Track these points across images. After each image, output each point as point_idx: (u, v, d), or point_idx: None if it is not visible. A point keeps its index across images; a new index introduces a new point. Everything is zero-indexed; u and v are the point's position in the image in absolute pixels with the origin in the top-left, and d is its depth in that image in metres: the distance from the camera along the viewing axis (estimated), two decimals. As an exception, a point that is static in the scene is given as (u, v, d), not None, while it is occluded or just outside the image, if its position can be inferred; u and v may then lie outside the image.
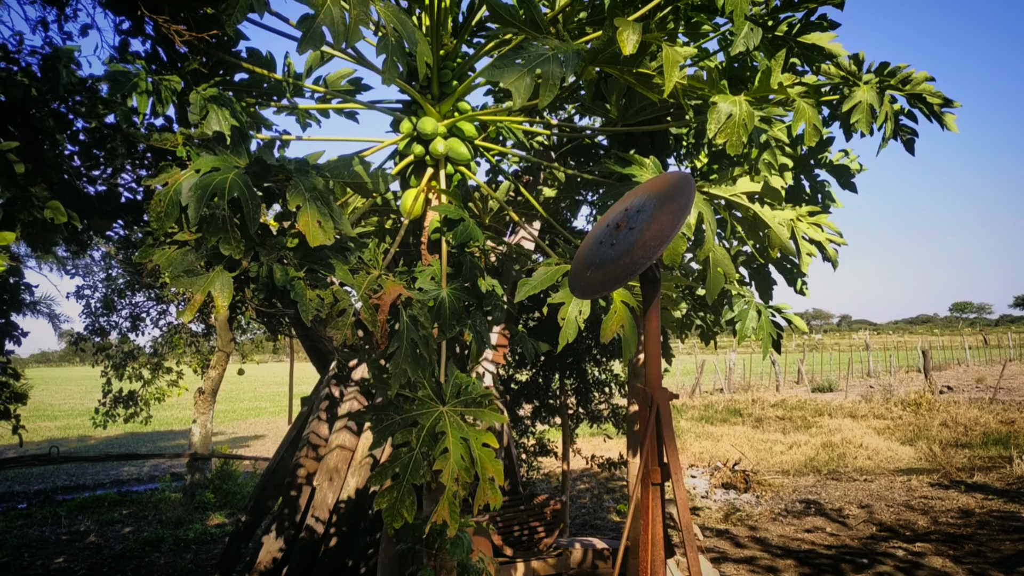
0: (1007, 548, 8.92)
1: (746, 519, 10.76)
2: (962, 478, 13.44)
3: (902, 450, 16.44)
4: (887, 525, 10.23)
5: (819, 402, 24.70)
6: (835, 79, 5.48)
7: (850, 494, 12.38)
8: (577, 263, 2.60)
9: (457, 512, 3.62)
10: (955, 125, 5.62)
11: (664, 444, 2.39)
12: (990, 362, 47.31)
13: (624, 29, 3.30)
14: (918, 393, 22.73)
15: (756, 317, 5.69)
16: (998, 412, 20.36)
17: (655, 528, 2.37)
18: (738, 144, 4.20)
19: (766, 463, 15.65)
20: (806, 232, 5.60)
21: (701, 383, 32.10)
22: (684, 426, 20.90)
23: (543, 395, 9.27)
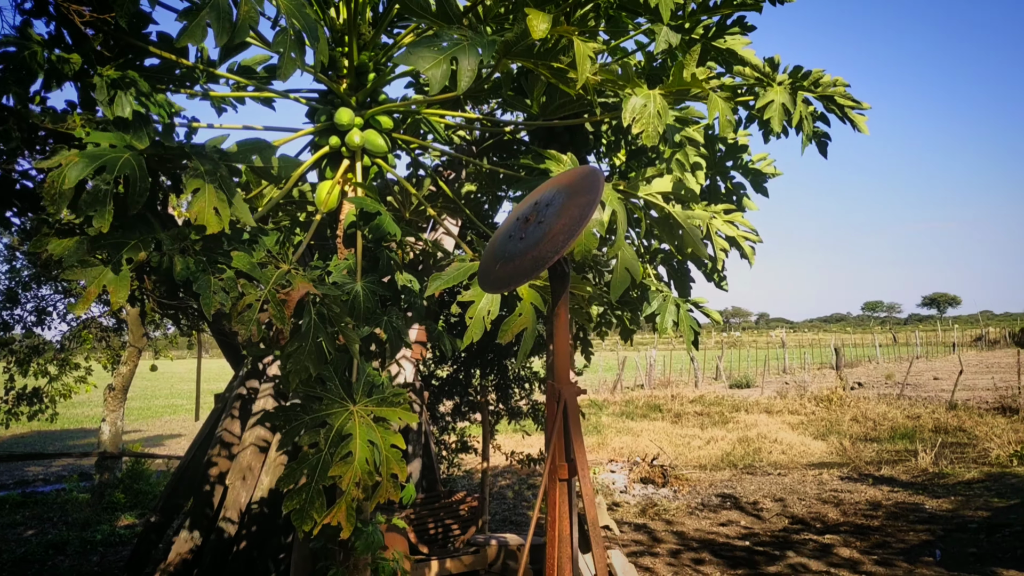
0: (912, 538, 9.24)
1: (663, 513, 10.91)
2: (871, 471, 13.89)
3: (815, 444, 16.91)
4: (799, 518, 10.50)
5: (736, 398, 25.27)
6: (750, 81, 5.56)
7: (765, 488, 12.67)
8: (486, 257, 2.57)
9: (354, 515, 3.55)
10: (866, 127, 5.76)
11: (571, 439, 2.38)
12: (899, 359, 49.15)
13: (534, 17, 3.28)
14: (831, 389, 23.45)
15: (675, 312, 5.74)
16: (905, 407, 21.14)
17: (562, 524, 2.36)
18: (653, 135, 4.22)
19: (684, 458, 15.92)
20: (721, 229, 5.68)
21: (623, 379, 32.50)
22: (605, 422, 21.13)
23: (464, 392, 9.23)
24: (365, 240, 4.27)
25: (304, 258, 5.89)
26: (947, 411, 20.14)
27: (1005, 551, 8.49)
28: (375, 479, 3.50)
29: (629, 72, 4.86)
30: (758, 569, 8.08)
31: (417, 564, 6.42)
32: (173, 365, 49.90)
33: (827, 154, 5.97)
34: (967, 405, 21.22)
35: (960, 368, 25.37)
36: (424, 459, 7.57)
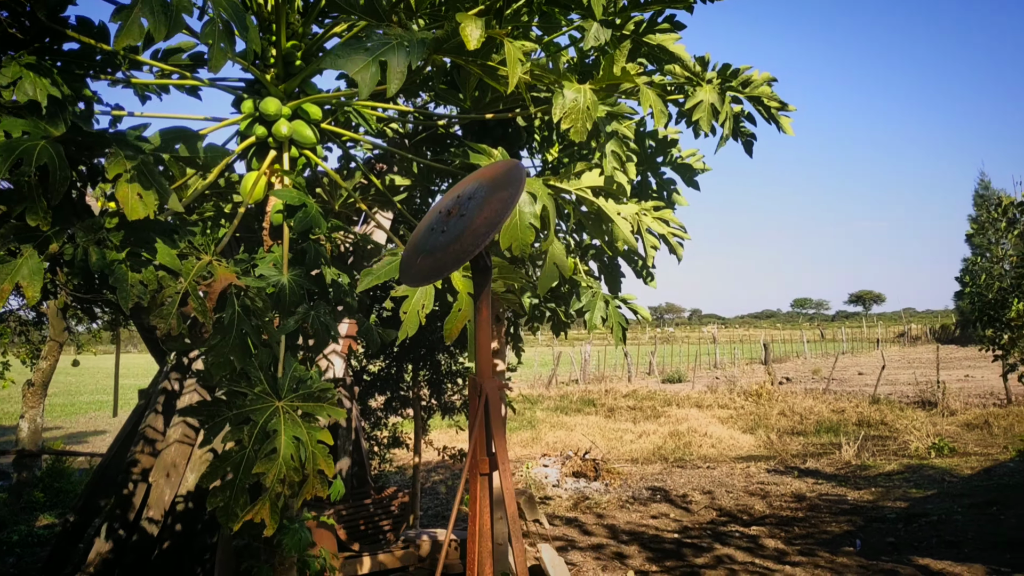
0: (834, 529, 9.50)
1: (595, 507, 11.01)
2: (796, 464, 14.24)
3: (743, 438, 17.26)
4: (727, 510, 10.70)
5: (668, 393, 25.65)
6: (680, 79, 5.62)
7: (694, 481, 12.88)
8: (409, 250, 2.55)
9: (278, 513, 3.50)
10: (791, 129, 5.87)
11: (493, 434, 2.38)
12: (826, 355, 50.47)
13: (467, 24, 3.27)
14: (759, 384, 23.96)
15: (604, 307, 5.79)
16: (830, 402, 21.72)
17: (483, 519, 2.35)
18: (582, 130, 4.24)
19: (617, 452, 16.09)
20: (651, 226, 5.74)
21: (558, 374, 32.71)
22: (540, 416, 21.22)
23: (396, 387, 9.17)
24: (292, 232, 4.20)
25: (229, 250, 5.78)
26: (870, 405, 20.75)
27: (921, 540, 8.79)
28: (301, 476, 3.45)
29: (560, 67, 4.87)
30: (686, 561, 8.22)
31: (347, 560, 6.37)
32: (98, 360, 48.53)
33: (753, 154, 6.07)
34: (889, 399, 21.91)
35: (883, 364, 26.17)
36: (354, 455, 7.50)
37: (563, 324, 7.00)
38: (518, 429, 18.57)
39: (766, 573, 7.71)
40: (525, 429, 18.73)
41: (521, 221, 3.75)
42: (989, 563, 7.78)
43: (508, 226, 3.61)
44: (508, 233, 3.56)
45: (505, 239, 3.52)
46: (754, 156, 5.99)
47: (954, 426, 17.45)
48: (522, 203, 3.80)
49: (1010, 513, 9.71)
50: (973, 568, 7.64)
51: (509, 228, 3.61)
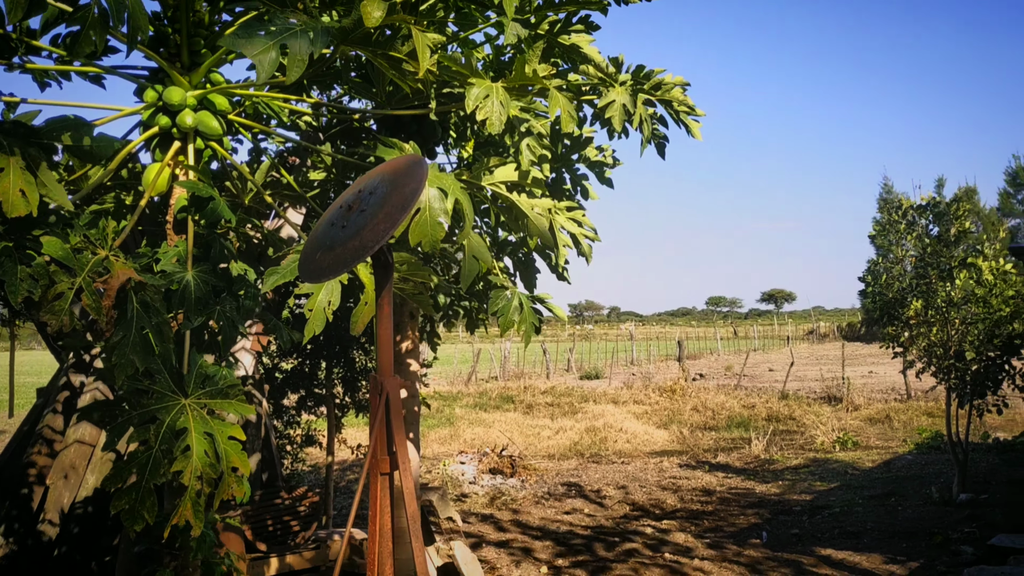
0: (742, 522, 9.75)
1: (510, 503, 11.06)
2: (708, 458, 14.57)
3: (657, 433, 17.57)
4: (639, 504, 10.88)
5: (586, 389, 25.91)
6: (594, 80, 5.67)
7: (609, 476, 13.05)
8: (309, 245, 2.50)
9: (202, 511, 3.41)
10: (699, 133, 5.97)
11: (393, 433, 2.35)
12: (738, 352, 51.74)
13: (368, 3, 3.22)
14: (674, 380, 24.42)
15: (519, 308, 5.80)
16: (741, 397, 22.28)
17: (383, 519, 2.33)
18: (498, 123, 4.24)
19: (534, 448, 16.18)
20: (563, 226, 5.78)
21: (477, 371, 32.73)
22: (459, 413, 21.19)
23: (309, 384, 9.02)
24: (197, 226, 4.09)
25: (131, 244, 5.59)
26: (779, 401, 21.37)
27: (824, 531, 9.10)
28: (218, 472, 3.37)
29: (472, 64, 4.85)
30: (597, 556, 8.32)
31: (255, 562, 6.24)
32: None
33: (665, 156, 6.16)
34: (797, 395, 22.59)
35: (792, 360, 26.98)
36: (264, 454, 7.36)
37: (477, 321, 7.00)
38: (436, 426, 18.52)
39: (675, 567, 7.87)
40: (443, 426, 18.69)
41: (431, 217, 3.72)
42: (886, 552, 8.10)
43: (418, 222, 3.58)
44: (417, 229, 3.53)
45: (414, 235, 3.50)
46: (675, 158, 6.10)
47: (858, 420, 18.11)
48: (432, 198, 3.78)
49: (907, 504, 10.13)
50: (871, 558, 7.95)
51: (419, 224, 3.58)
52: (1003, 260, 9.89)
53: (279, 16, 3.28)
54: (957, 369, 9.82)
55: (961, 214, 10.14)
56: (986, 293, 9.61)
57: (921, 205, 10.39)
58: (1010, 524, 8.70)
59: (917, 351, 10.22)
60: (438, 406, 22.14)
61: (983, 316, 9.59)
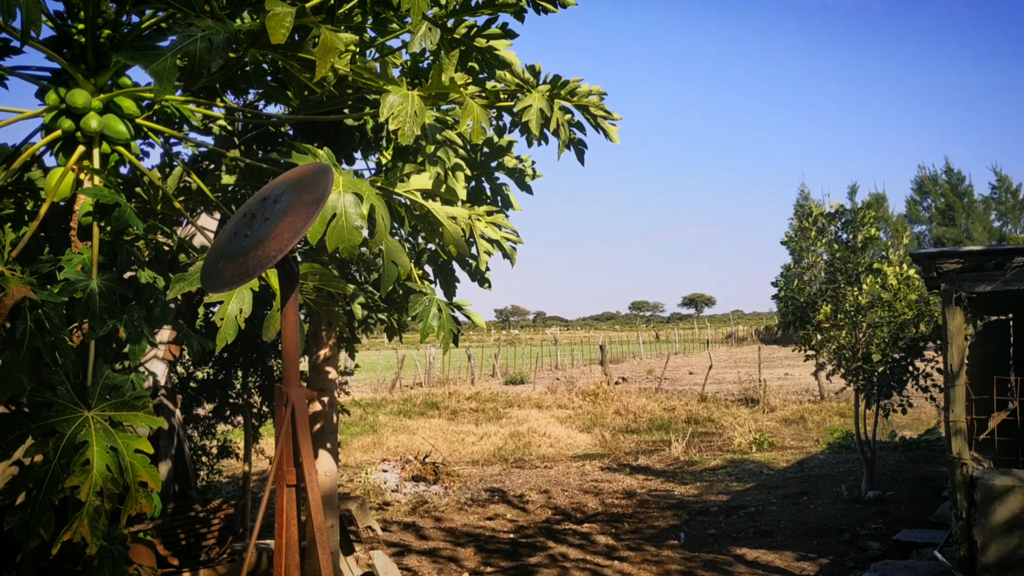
0: (661, 523, 9.91)
1: (433, 510, 11.00)
2: (629, 461, 14.76)
3: (580, 437, 17.72)
4: (562, 508, 10.95)
5: (510, 394, 25.98)
6: (512, 87, 5.70)
7: (532, 480, 13.11)
8: (212, 255, 2.45)
9: (99, 528, 3.30)
10: (617, 137, 6.04)
11: (300, 443, 2.32)
12: (660, 355, 52.55)
13: (275, 13, 3.18)
14: (596, 384, 24.66)
15: (437, 314, 5.78)
16: (662, 400, 22.65)
17: (290, 531, 2.29)
18: (410, 133, 4.22)
19: (458, 454, 16.15)
20: (484, 231, 5.79)
21: (401, 377, 32.51)
22: (382, 420, 21.00)
23: (225, 393, 8.82)
24: (103, 233, 3.97)
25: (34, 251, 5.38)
26: (699, 403, 21.80)
27: (739, 531, 9.31)
28: (120, 488, 3.26)
29: (387, 70, 4.83)
30: (520, 561, 8.35)
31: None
32: None
33: (584, 161, 6.22)
34: (716, 397, 23.08)
35: (710, 364, 27.55)
36: (177, 465, 7.16)
37: (396, 329, 6.96)
38: (359, 434, 18.31)
39: (596, 569, 7.95)
40: (367, 434, 18.49)
41: (348, 223, 3.68)
42: (798, 550, 8.34)
43: (334, 227, 3.54)
44: (334, 235, 3.49)
45: (331, 241, 3.46)
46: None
47: (774, 422, 18.60)
48: (348, 204, 3.74)
49: (818, 502, 10.45)
50: (784, 555, 8.17)
51: (335, 230, 3.54)
52: (907, 266, 10.30)
53: (182, 23, 3.21)
54: (864, 371, 10.18)
55: (867, 222, 10.53)
56: (891, 297, 9.99)
57: (830, 212, 10.75)
58: (914, 519, 9.06)
59: (827, 354, 10.56)
60: (361, 414, 21.91)
61: (888, 320, 9.97)
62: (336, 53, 3.38)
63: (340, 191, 3.54)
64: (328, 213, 3.35)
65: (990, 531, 6.08)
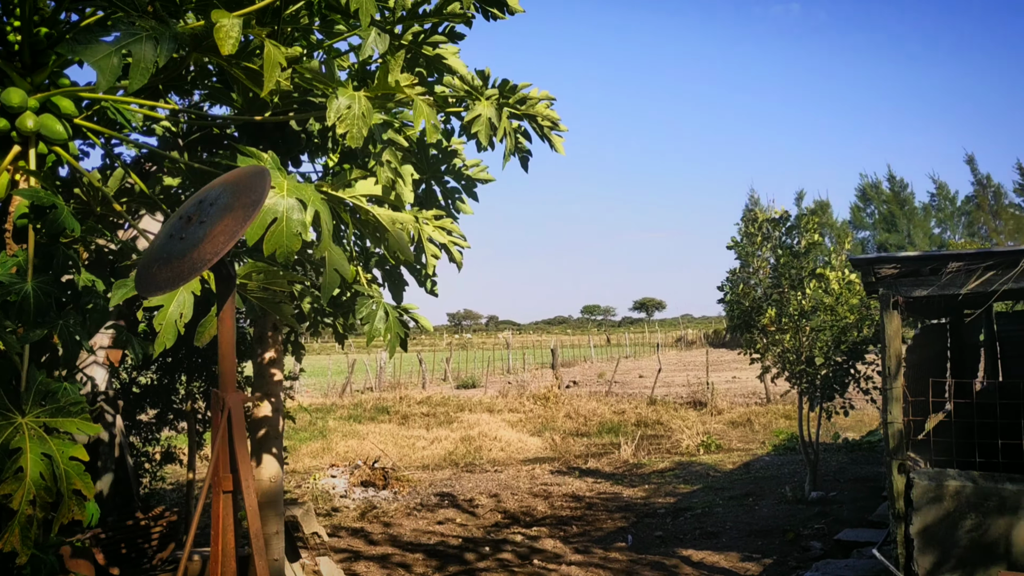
0: (609, 526, 9.98)
1: (383, 516, 10.94)
2: (579, 464, 14.84)
3: (531, 441, 17.77)
4: (511, 512, 10.97)
5: (462, 398, 25.93)
6: (460, 92, 5.72)
7: (482, 485, 13.11)
8: (146, 258, 2.42)
9: (31, 537, 3.23)
10: (562, 148, 6.09)
11: (236, 449, 2.30)
12: (611, 359, 52.90)
13: (222, 25, 3.15)
14: (547, 388, 24.74)
15: (384, 317, 5.76)
16: (612, 404, 22.80)
17: (226, 538, 2.27)
18: (358, 136, 4.22)
19: (409, 459, 16.08)
20: (431, 235, 5.79)
21: (352, 382, 32.26)
22: (332, 425, 20.81)
23: (168, 399, 8.67)
24: (39, 235, 3.90)
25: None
26: (648, 406, 21.99)
27: (686, 532, 9.43)
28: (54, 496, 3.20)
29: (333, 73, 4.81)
30: (468, 565, 8.34)
31: (105, 587, 5.95)
32: None
33: (528, 169, 6.25)
34: (665, 400, 23.31)
35: (659, 367, 27.83)
36: (118, 473, 7.03)
37: (343, 333, 6.92)
38: (308, 440, 18.13)
39: (543, 573, 7.98)
40: (316, 439, 18.31)
41: (288, 228, 3.65)
42: (743, 550, 8.47)
43: (274, 232, 3.50)
44: (273, 239, 3.46)
45: (269, 245, 3.42)
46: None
47: (721, 424, 18.84)
48: (290, 209, 3.71)
49: (763, 503, 10.62)
50: (729, 556, 8.29)
51: (275, 234, 3.51)
52: (849, 271, 10.52)
53: (125, 21, 3.16)
54: (808, 374, 10.38)
55: (810, 227, 10.75)
56: (833, 302, 10.21)
57: (775, 218, 10.94)
58: (855, 519, 9.26)
59: (772, 357, 10.74)
60: (311, 418, 21.69)
61: (831, 323, 10.19)
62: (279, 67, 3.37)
63: (283, 195, 3.52)
64: (269, 217, 3.32)
65: (925, 529, 6.24)
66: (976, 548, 6.11)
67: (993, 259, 6.08)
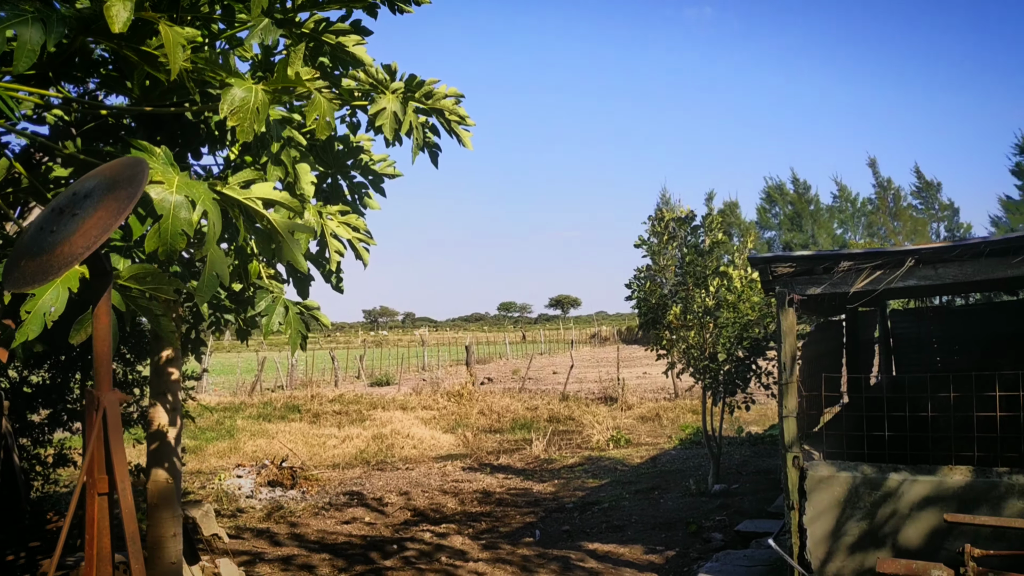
0: (517, 521, 10.04)
1: (289, 516, 10.76)
2: (490, 461, 14.89)
3: (444, 438, 17.74)
4: (420, 510, 10.93)
5: (375, 396, 25.72)
6: (366, 85, 5.65)
7: (392, 483, 13.02)
8: (15, 251, 2.32)
9: None
10: (470, 143, 6.08)
11: (112, 450, 2.23)
12: (526, 356, 53.21)
13: (112, 4, 3.04)
14: (461, 385, 24.73)
15: (283, 313, 5.66)
16: (525, 400, 22.96)
17: (102, 542, 2.20)
18: (249, 130, 4.12)
19: (319, 457, 15.85)
20: (336, 231, 5.71)
21: (262, 380, 31.62)
22: (240, 425, 20.36)
23: (62, 399, 8.34)
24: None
25: None
26: (560, 402, 22.22)
27: (592, 526, 9.55)
28: None
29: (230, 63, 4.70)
30: (374, 564, 8.28)
31: (-11, 596, 5.69)
32: None
33: (438, 164, 6.23)
34: (577, 396, 23.58)
35: (572, 363, 28.13)
36: (6, 475, 6.73)
37: (246, 331, 6.77)
38: (215, 439, 17.70)
39: (450, 570, 7.97)
40: (223, 439, 17.88)
41: (173, 226, 3.53)
42: (647, 543, 8.63)
43: (157, 229, 3.39)
44: (156, 237, 3.35)
45: (151, 242, 3.31)
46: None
47: (631, 419, 19.17)
48: (178, 207, 3.59)
49: (668, 497, 10.84)
50: (633, 549, 8.44)
51: (158, 232, 3.40)
52: (751, 269, 10.82)
53: (9, 1, 3.03)
54: (711, 369, 10.65)
55: (715, 227, 11.03)
56: (736, 299, 10.49)
57: (681, 217, 11.18)
58: (755, 510, 9.54)
59: (677, 353, 10.97)
60: (218, 418, 21.17)
61: (733, 320, 10.46)
62: (180, 48, 3.27)
63: (172, 191, 3.42)
64: (155, 213, 3.22)
65: (818, 519, 6.47)
66: (865, 536, 6.37)
67: (881, 259, 6.35)
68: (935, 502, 6.09)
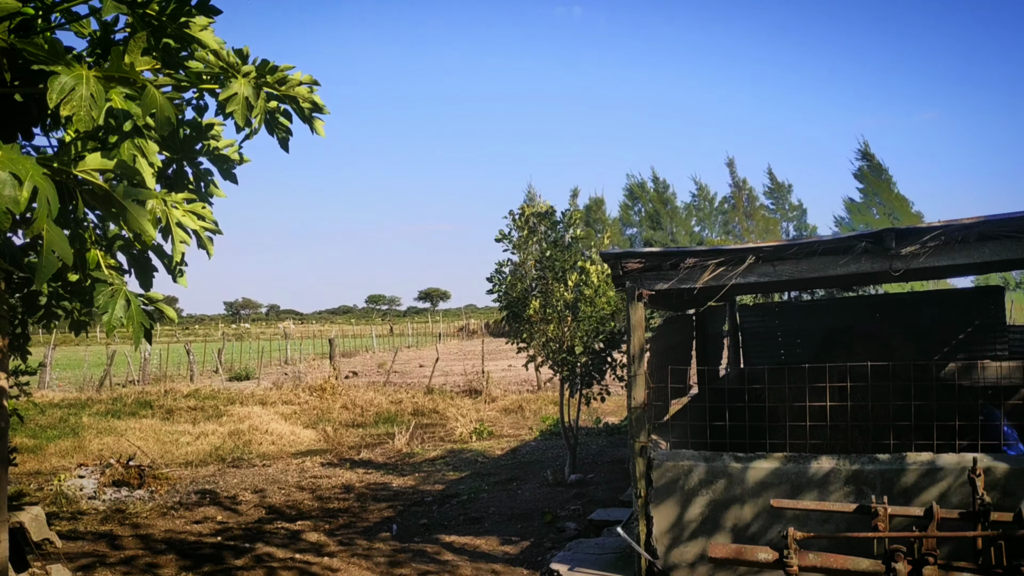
0: (375, 516, 9.96)
1: (134, 517, 10.28)
2: (351, 456, 14.70)
3: (304, 433, 17.38)
4: (276, 507, 10.67)
5: (233, 391, 24.91)
6: (215, 69, 5.45)
7: (247, 480, 12.66)
8: None
9: None
10: (323, 131, 5.97)
11: None
12: (394, 349, 52.81)
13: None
14: (324, 379, 24.30)
15: (125, 307, 5.40)
16: (390, 394, 22.79)
17: None
18: (87, 119, 3.91)
19: (171, 455, 15.22)
20: (180, 220, 5.48)
21: (112, 375, 30.09)
22: (86, 422, 19.28)
23: None
24: None
25: None
26: (425, 395, 22.17)
27: (450, 519, 9.59)
28: None
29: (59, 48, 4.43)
30: (224, 564, 8.03)
31: None
32: None
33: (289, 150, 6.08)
34: (443, 389, 23.60)
35: (437, 356, 28.14)
36: None
37: (82, 323, 6.42)
38: (57, 438, 16.69)
39: (304, 567, 7.83)
40: (66, 437, 16.89)
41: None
42: (503, 534, 8.74)
43: (-23, 211, 3.17)
44: (-26, 218, 3.13)
45: (-32, 224, 3.09)
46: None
47: (495, 411, 19.36)
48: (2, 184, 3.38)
49: (526, 487, 11.01)
50: (490, 540, 8.52)
51: (-23, 213, 3.17)
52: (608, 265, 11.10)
53: None
54: (569, 362, 10.87)
55: (574, 222, 11.25)
56: (593, 294, 10.74)
57: (541, 213, 11.34)
58: (609, 499, 9.81)
59: (537, 346, 11.14)
60: (62, 415, 20.01)
61: (591, 314, 10.70)
62: None
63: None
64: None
65: (663, 506, 6.71)
66: (707, 522, 6.65)
67: (724, 256, 6.64)
68: (768, 487, 6.43)
